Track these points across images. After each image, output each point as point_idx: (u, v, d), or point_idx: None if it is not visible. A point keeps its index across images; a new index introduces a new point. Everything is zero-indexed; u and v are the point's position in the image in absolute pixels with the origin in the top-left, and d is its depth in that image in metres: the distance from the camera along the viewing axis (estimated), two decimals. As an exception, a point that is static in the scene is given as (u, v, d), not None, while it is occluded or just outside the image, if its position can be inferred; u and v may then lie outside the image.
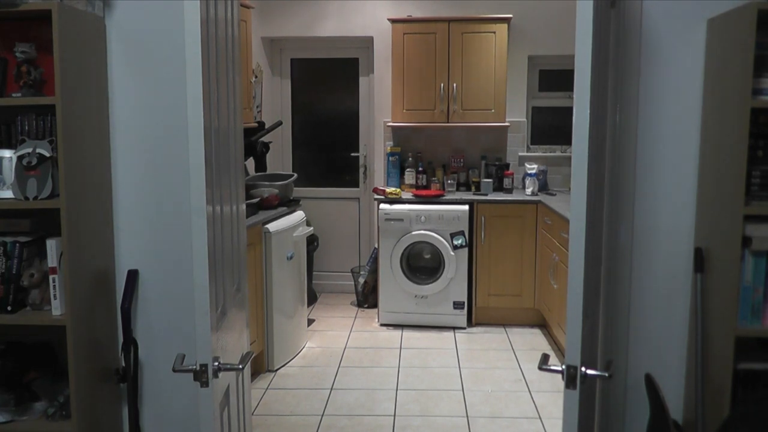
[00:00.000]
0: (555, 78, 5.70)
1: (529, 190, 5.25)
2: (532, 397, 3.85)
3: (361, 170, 6.03)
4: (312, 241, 5.61)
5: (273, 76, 6.02)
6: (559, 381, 1.96)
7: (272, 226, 4.15)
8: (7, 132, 2.48)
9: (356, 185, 6.08)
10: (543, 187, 5.40)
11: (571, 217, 1.65)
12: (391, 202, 5.11)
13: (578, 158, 1.62)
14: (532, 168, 5.35)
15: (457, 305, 5.04)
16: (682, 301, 2.41)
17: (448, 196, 5.16)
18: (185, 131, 1.71)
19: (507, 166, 5.47)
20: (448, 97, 5.26)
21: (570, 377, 1.63)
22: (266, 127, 5.05)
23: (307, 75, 6.11)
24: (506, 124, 5.35)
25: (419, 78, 5.28)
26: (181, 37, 1.68)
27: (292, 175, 4.76)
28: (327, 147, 6.17)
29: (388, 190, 5.17)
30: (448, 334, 4.97)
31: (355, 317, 5.41)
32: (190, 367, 1.72)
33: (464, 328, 5.07)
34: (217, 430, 1.83)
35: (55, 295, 2.35)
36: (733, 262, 2.13)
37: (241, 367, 1.86)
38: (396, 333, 5.01)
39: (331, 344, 4.77)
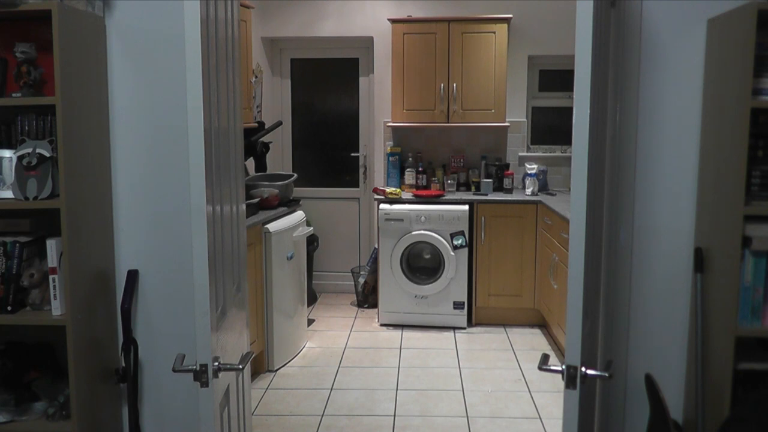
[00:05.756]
0: (555, 78, 5.69)
1: (529, 190, 5.25)
2: (532, 397, 3.85)
3: (361, 170, 6.03)
4: (312, 241, 5.60)
5: (273, 76, 6.02)
6: (559, 381, 1.96)
7: (272, 226, 4.16)
8: (7, 132, 2.48)
9: (356, 185, 6.07)
10: (543, 187, 5.40)
11: (571, 217, 1.65)
12: (391, 202, 5.11)
13: (578, 158, 1.62)
14: (532, 168, 5.35)
15: (457, 305, 5.04)
16: (682, 301, 2.41)
17: (448, 196, 5.16)
18: (185, 131, 1.71)
19: (507, 166, 5.47)
20: (448, 97, 5.26)
21: (570, 377, 1.63)
22: (266, 127, 5.05)
23: (307, 75, 6.10)
24: (506, 124, 5.35)
25: (419, 78, 5.28)
26: (181, 37, 1.68)
27: (292, 175, 4.76)
28: (327, 147, 6.17)
29: (388, 190, 5.17)
30: (448, 334, 4.97)
31: (355, 317, 5.41)
32: (190, 367, 1.72)
33: (464, 328, 5.07)
34: (217, 430, 1.83)
35: (55, 295, 2.35)
36: (733, 262, 2.13)
37: (241, 367, 1.86)
38: (396, 333, 5.01)
39: (331, 344, 4.77)
